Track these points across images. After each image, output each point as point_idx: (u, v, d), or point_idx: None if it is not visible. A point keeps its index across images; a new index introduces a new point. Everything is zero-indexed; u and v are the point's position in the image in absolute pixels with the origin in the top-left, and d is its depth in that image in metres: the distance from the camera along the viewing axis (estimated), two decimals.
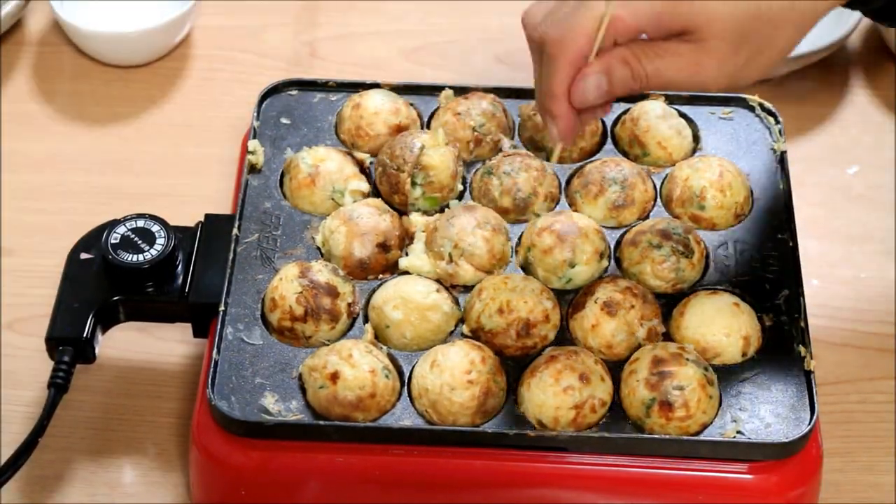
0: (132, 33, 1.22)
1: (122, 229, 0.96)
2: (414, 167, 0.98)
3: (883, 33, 1.25)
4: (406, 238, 0.97)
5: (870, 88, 1.24)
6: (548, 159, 0.98)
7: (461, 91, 1.06)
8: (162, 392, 1.01)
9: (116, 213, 0.98)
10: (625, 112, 1.06)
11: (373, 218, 0.96)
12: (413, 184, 0.98)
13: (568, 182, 1.02)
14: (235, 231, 0.97)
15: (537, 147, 1.04)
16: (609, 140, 1.05)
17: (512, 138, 1.04)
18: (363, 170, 1.02)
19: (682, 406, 0.86)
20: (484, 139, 1.03)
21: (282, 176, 1.02)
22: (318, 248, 0.97)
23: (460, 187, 1.01)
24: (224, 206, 1.06)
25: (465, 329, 0.92)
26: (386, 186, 0.99)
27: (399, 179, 0.98)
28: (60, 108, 1.23)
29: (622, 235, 0.98)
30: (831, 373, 1.02)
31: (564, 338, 0.92)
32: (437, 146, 0.99)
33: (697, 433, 0.87)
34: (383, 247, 0.95)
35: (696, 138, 1.05)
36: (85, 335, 0.92)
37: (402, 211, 0.99)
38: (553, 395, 0.87)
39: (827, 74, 1.24)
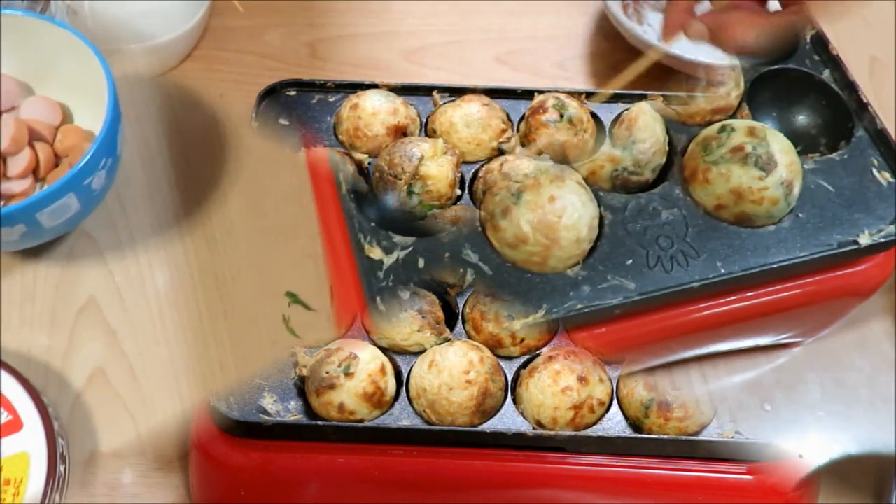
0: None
1: None
2: (412, 177, 0.98)
3: None
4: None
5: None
6: None
7: (460, 91, 1.06)
8: None
9: None
10: (623, 112, 1.06)
11: None
12: (410, 192, 0.98)
13: None
14: None
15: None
16: (607, 140, 1.05)
17: (510, 139, 1.04)
18: (361, 170, 1.02)
19: (680, 406, 0.86)
20: (482, 140, 1.03)
21: None
22: None
23: (458, 192, 1.01)
24: None
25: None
26: (382, 192, 0.99)
27: (396, 187, 0.98)
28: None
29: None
30: None
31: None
32: (435, 156, 0.99)
33: (696, 433, 0.87)
34: None
35: None
36: None
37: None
38: (551, 396, 0.87)
39: None
